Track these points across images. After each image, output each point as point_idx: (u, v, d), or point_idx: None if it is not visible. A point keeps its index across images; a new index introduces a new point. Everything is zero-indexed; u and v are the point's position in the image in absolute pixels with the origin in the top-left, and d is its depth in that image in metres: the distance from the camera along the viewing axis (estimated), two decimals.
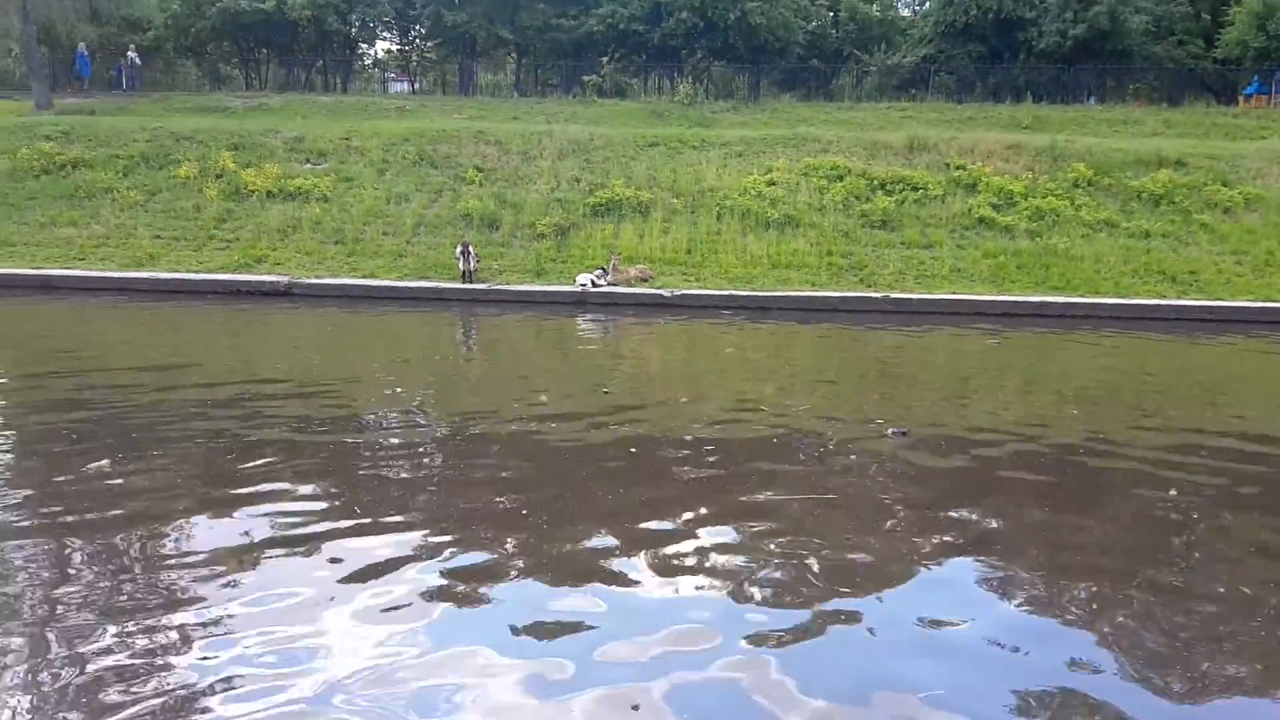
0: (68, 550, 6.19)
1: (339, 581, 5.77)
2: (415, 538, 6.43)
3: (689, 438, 9.09)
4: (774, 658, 5.06)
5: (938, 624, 5.47)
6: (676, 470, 8.11)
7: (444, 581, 5.82)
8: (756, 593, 5.81)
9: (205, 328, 15.75)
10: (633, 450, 8.66)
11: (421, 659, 4.97)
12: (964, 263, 20.30)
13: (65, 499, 7.03)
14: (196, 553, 6.17)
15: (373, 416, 9.88)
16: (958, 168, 23.65)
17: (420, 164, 24.39)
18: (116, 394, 10.41)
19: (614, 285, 18.99)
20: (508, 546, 6.39)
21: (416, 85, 41.93)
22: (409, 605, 5.50)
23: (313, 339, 15.17)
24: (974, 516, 7.19)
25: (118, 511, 6.80)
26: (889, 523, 6.99)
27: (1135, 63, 34.21)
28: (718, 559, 6.28)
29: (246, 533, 6.46)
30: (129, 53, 34.31)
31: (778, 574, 6.08)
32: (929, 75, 34.63)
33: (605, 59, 34.22)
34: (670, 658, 5.01)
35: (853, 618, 5.52)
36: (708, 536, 6.63)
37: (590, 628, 5.34)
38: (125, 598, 5.55)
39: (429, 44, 40.50)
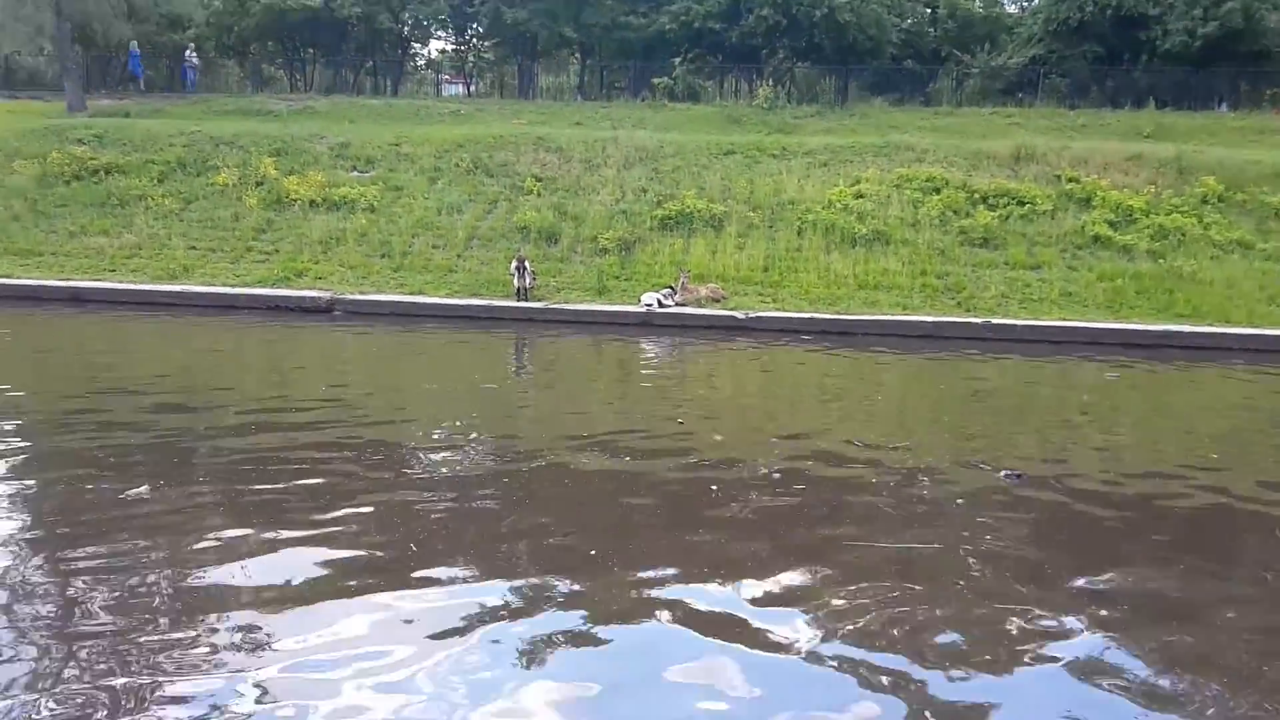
0: (102, 582, 6.22)
1: (388, 631, 5.69)
2: (473, 585, 6.35)
3: (774, 476, 8.96)
4: None
5: (1058, 696, 5.23)
6: (760, 513, 7.97)
7: (508, 632, 5.72)
8: (853, 657, 5.61)
9: (243, 347, 15.96)
10: (713, 489, 8.54)
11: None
12: (1076, 286, 19.87)
13: (102, 527, 7.09)
14: (239, 589, 6.18)
15: (423, 449, 9.84)
16: (1070, 180, 23.22)
17: (474, 172, 24.59)
18: (152, 416, 10.55)
19: (683, 306, 18.86)
20: (576, 591, 6.30)
21: (472, 88, 42.47)
22: (467, 660, 5.41)
23: (356, 361, 15.29)
24: (1103, 574, 6.89)
25: (157, 542, 6.84)
26: (1005, 578, 6.74)
27: (1273, 65, 33.32)
28: (809, 617, 6.09)
29: (291, 572, 6.44)
30: (188, 52, 35.20)
31: (879, 634, 5.86)
32: (1038, 78, 34.05)
33: (677, 60, 34.25)
34: None
35: (964, 688, 5.32)
36: (797, 591, 6.46)
37: (672, 681, 5.28)
38: (159, 638, 5.54)
39: (486, 44, 41.00)
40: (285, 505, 7.73)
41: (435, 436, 10.25)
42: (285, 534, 7.08)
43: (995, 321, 18.25)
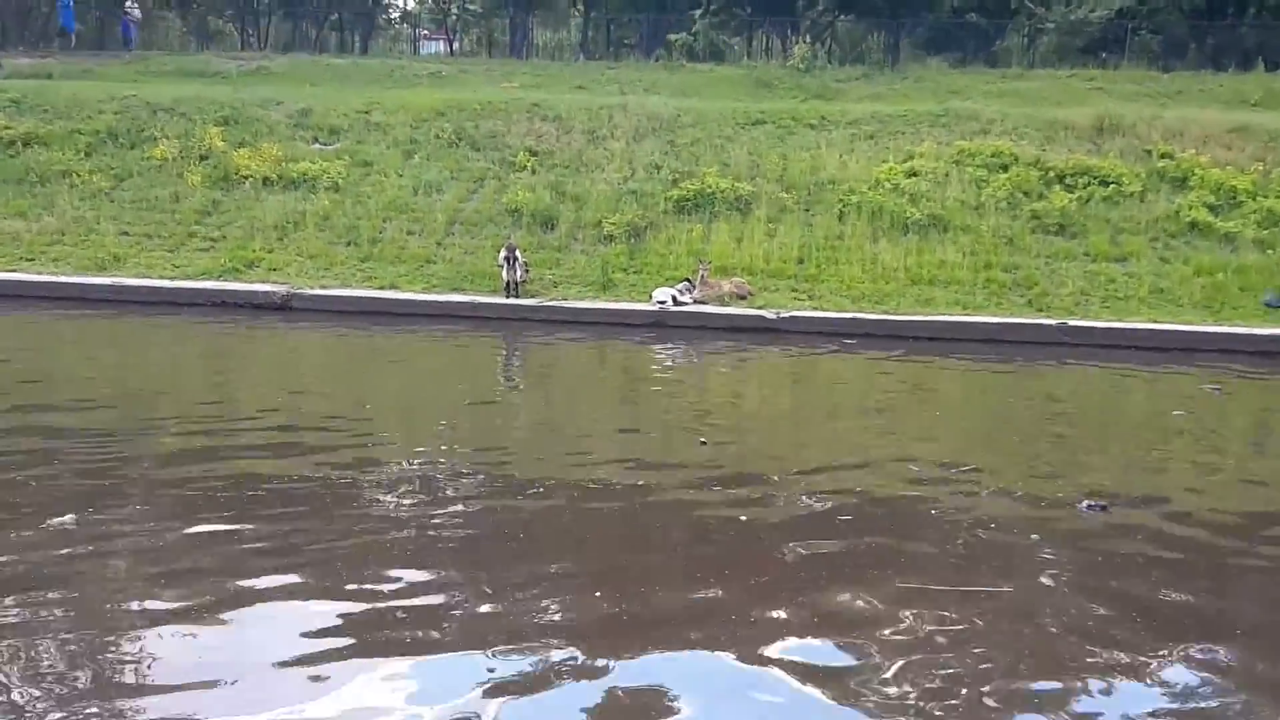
0: (7, 648, 6.09)
1: (371, 713, 5.55)
2: (468, 649, 6.23)
3: (814, 505, 8.92)
4: None
5: None
6: (798, 547, 7.91)
7: (526, 708, 5.59)
8: None
9: (184, 352, 15.95)
10: (743, 519, 8.53)
11: None
12: (1169, 281, 19.85)
13: (21, 565, 7.04)
14: (179, 656, 6.04)
15: (399, 479, 9.77)
16: (1162, 156, 23.18)
17: (458, 145, 24.67)
18: (73, 439, 10.49)
19: (702, 303, 18.90)
20: (588, 651, 6.20)
21: (455, 45, 42.53)
22: None
23: (318, 369, 15.30)
24: (1211, 631, 6.77)
25: (78, 595, 6.74)
26: (1086, 632, 6.65)
27: None
28: (865, 679, 5.98)
29: (244, 634, 6.33)
30: (129, 3, 35.29)
31: (932, 701, 5.80)
32: (1125, 34, 34.00)
33: (697, 12, 34.35)
34: None
35: None
36: (839, 640, 6.39)
37: None
38: (84, 704, 5.44)
39: None
40: (235, 549, 7.60)
41: (413, 464, 10.23)
42: (236, 584, 6.96)
43: (1073, 323, 18.27)
